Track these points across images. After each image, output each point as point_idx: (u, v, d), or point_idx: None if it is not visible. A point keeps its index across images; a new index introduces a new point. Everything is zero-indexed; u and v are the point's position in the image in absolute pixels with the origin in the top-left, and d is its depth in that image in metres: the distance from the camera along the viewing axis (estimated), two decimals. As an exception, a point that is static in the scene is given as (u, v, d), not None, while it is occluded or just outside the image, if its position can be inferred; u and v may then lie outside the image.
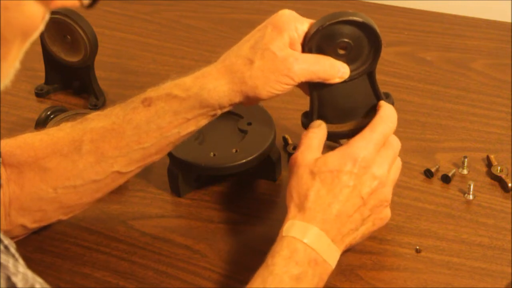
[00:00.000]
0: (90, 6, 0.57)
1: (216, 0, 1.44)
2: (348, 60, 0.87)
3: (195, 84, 0.85)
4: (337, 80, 0.87)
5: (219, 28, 1.36)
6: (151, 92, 0.87)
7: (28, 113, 1.16)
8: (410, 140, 1.07)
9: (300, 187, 0.84)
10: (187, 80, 0.86)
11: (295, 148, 1.05)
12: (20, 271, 0.57)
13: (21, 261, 0.59)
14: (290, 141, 1.08)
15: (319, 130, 0.88)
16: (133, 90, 1.20)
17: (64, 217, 0.92)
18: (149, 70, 1.26)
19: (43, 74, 1.21)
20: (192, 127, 0.87)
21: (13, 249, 0.59)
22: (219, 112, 0.87)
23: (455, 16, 1.36)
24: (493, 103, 1.15)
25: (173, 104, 0.85)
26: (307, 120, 0.92)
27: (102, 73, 1.21)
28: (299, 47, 0.85)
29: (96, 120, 0.88)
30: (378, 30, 0.86)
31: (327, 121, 0.91)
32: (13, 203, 0.87)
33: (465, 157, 1.02)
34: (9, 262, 0.57)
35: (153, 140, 0.87)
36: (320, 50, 0.86)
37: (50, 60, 1.19)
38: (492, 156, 1.03)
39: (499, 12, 1.38)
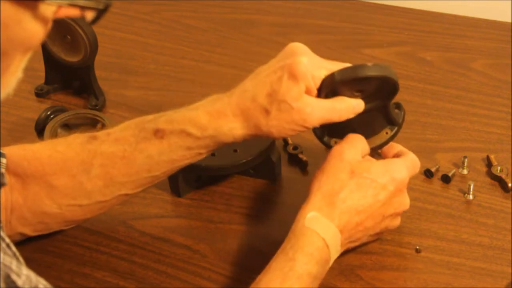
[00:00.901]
0: (94, 22, 0.57)
1: (216, 0, 1.44)
2: (363, 98, 0.87)
3: (210, 124, 0.84)
4: (351, 116, 0.86)
5: (219, 28, 1.36)
6: (164, 124, 0.85)
7: (28, 113, 1.16)
8: (410, 140, 1.07)
9: (335, 180, 0.84)
10: (202, 119, 0.84)
11: (295, 148, 1.06)
12: (23, 273, 0.57)
13: (21, 259, 0.60)
14: (290, 141, 1.08)
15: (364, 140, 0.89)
16: (133, 90, 1.20)
17: (65, 228, 0.93)
18: (149, 70, 1.26)
19: (43, 74, 1.21)
20: (202, 156, 0.88)
21: (14, 248, 0.60)
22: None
23: (455, 16, 1.36)
24: (493, 103, 1.15)
25: (187, 141, 0.85)
26: (320, 132, 0.92)
27: (102, 73, 1.21)
28: (315, 92, 0.84)
29: (107, 144, 0.87)
30: (397, 80, 0.85)
31: (336, 137, 0.92)
32: (15, 212, 0.87)
33: (465, 157, 1.02)
34: (12, 263, 0.57)
35: (163, 169, 0.87)
36: (336, 94, 0.85)
37: (50, 60, 1.19)
38: (492, 156, 1.03)
39: (499, 12, 1.38)
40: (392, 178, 0.85)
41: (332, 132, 0.92)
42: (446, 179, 1.01)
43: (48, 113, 1.11)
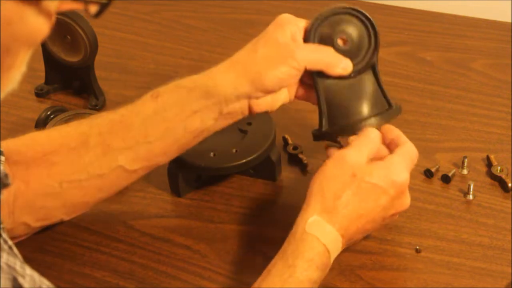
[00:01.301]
0: (97, 15, 0.57)
1: (216, 0, 1.44)
2: (350, 55, 0.89)
3: (202, 76, 0.88)
4: (339, 71, 0.88)
5: (219, 28, 1.36)
6: (160, 87, 0.89)
7: (28, 113, 1.16)
8: (410, 140, 1.07)
9: (336, 184, 0.83)
10: (195, 75, 0.89)
11: (295, 148, 1.06)
12: (27, 273, 0.57)
13: (20, 258, 0.60)
14: (290, 141, 1.08)
15: (371, 141, 0.87)
16: (133, 90, 1.20)
17: (66, 218, 0.92)
18: (149, 70, 1.26)
19: (43, 74, 1.21)
20: (197, 122, 0.87)
21: (15, 250, 0.60)
22: (225, 108, 0.87)
23: (455, 16, 1.36)
24: (493, 103, 1.15)
25: (180, 94, 0.87)
26: (317, 131, 0.92)
27: (102, 73, 1.21)
28: (301, 41, 0.88)
29: (105, 115, 0.90)
30: (373, 20, 0.89)
31: (336, 121, 0.91)
32: (18, 200, 0.87)
33: (465, 157, 1.02)
34: (16, 264, 0.57)
35: (158, 134, 0.87)
36: (322, 43, 0.89)
37: (50, 60, 1.19)
38: (492, 156, 1.03)
39: (499, 12, 1.38)
40: (392, 182, 0.84)
41: (331, 120, 0.91)
42: (446, 179, 1.01)
43: (48, 113, 1.11)
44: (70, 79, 1.20)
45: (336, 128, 0.91)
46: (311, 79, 0.90)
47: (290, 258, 0.80)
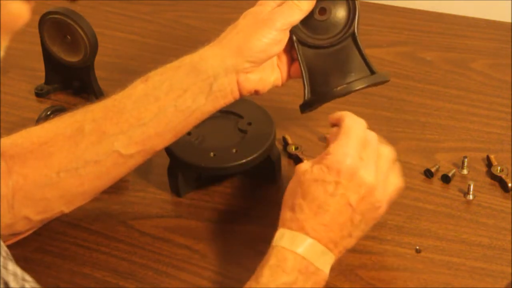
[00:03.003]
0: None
1: (216, 0, 1.44)
2: (329, 25, 0.92)
3: (189, 55, 0.90)
4: (298, 13, 0.90)
5: (219, 28, 1.35)
6: (150, 72, 0.91)
7: (28, 113, 1.16)
8: (410, 140, 1.07)
9: (290, 195, 0.84)
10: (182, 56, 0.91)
11: (296, 148, 1.06)
12: (9, 268, 0.57)
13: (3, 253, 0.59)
14: (290, 141, 1.08)
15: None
16: (133, 90, 1.20)
17: (66, 210, 0.91)
18: (149, 70, 1.24)
19: (43, 74, 1.21)
20: (188, 101, 0.88)
21: (5, 248, 0.60)
22: (214, 85, 0.88)
23: (455, 16, 1.36)
24: (493, 103, 1.15)
25: (168, 74, 0.89)
26: (302, 103, 0.93)
27: (102, 73, 1.21)
28: (279, 9, 0.90)
29: (97, 103, 0.91)
30: None
31: (319, 91, 0.92)
32: (17, 193, 0.87)
33: (465, 157, 1.02)
34: (8, 264, 0.57)
35: (151, 114, 0.87)
36: None
37: (50, 60, 1.19)
38: (492, 156, 1.03)
39: (499, 12, 1.38)
40: (332, 171, 0.81)
41: (314, 89, 0.92)
42: (446, 179, 1.01)
43: (48, 113, 1.11)
44: (70, 79, 1.20)
45: (317, 96, 0.92)
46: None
47: (257, 271, 0.80)
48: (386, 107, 1.14)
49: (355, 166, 0.82)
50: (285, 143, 1.08)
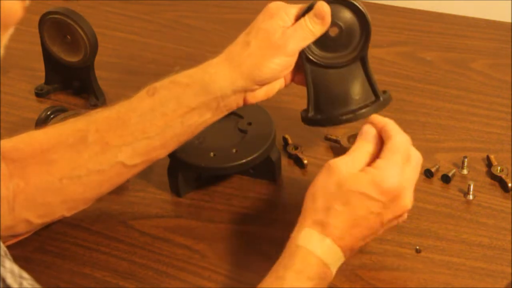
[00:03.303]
0: None
1: (216, 0, 1.44)
2: (340, 45, 0.90)
3: (198, 71, 0.88)
4: (311, 38, 0.88)
5: (219, 28, 1.36)
6: (155, 83, 0.89)
7: (28, 113, 1.16)
8: (410, 140, 1.07)
9: (325, 195, 0.81)
10: (190, 70, 0.89)
11: (295, 148, 1.06)
12: (7, 266, 0.57)
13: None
14: (290, 141, 1.08)
15: (370, 145, 0.84)
16: (133, 90, 1.19)
17: (67, 214, 0.91)
18: (149, 70, 1.26)
19: (43, 74, 1.21)
20: (195, 117, 0.88)
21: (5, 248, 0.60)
22: (222, 103, 0.87)
23: (455, 16, 1.36)
24: (493, 103, 1.15)
25: (176, 91, 0.87)
26: (305, 113, 0.93)
27: (102, 73, 1.21)
28: (292, 30, 0.88)
29: (101, 112, 0.90)
30: (367, 13, 0.89)
31: (322, 109, 0.92)
32: (18, 197, 0.87)
33: (465, 157, 1.02)
34: (6, 262, 0.57)
35: (157, 129, 0.87)
36: None
37: (50, 60, 1.19)
38: (492, 156, 1.03)
39: (499, 12, 1.38)
40: (381, 190, 0.80)
41: (317, 107, 0.92)
42: (446, 179, 1.01)
43: (48, 113, 1.11)
44: (70, 79, 1.20)
45: (321, 118, 0.92)
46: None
47: (280, 270, 0.79)
48: (386, 107, 1.14)
49: (400, 190, 0.82)
50: (285, 143, 1.08)
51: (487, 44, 1.29)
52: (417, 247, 0.92)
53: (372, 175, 0.81)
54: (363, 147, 0.84)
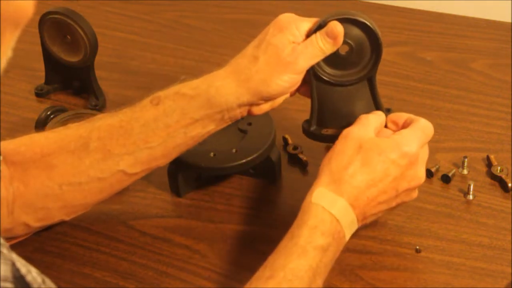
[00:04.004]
0: None
1: (216, 0, 1.44)
2: (349, 63, 0.89)
3: (203, 83, 0.87)
4: (320, 56, 0.87)
5: (219, 28, 1.36)
6: (160, 92, 0.88)
7: (28, 113, 1.16)
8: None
9: (342, 157, 0.83)
10: (196, 80, 0.88)
11: (295, 148, 1.06)
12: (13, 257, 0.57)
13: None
14: (290, 141, 1.08)
15: (379, 117, 0.89)
16: (133, 90, 1.20)
17: (66, 218, 0.92)
18: (149, 70, 1.26)
19: (43, 74, 1.21)
20: (199, 128, 0.87)
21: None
22: (226, 115, 0.87)
23: (455, 16, 1.36)
24: (493, 103, 1.15)
25: (181, 102, 0.86)
26: (307, 125, 0.93)
27: (102, 73, 1.21)
28: (302, 46, 0.86)
29: (104, 119, 0.89)
30: (379, 34, 0.87)
31: (325, 125, 0.92)
32: (17, 200, 0.87)
33: (465, 157, 1.02)
34: (12, 254, 0.57)
35: (159, 139, 0.87)
36: None
37: (50, 60, 1.19)
38: (492, 156, 1.03)
39: (499, 12, 1.38)
40: (402, 153, 0.83)
41: (320, 122, 0.92)
42: (446, 179, 1.01)
43: (48, 113, 1.11)
44: (70, 79, 1.20)
45: (324, 135, 0.92)
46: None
47: (295, 230, 0.80)
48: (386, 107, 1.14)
49: (417, 157, 0.85)
50: (285, 143, 1.08)
51: (487, 44, 1.29)
52: (417, 247, 0.92)
53: (393, 139, 0.84)
54: (373, 117, 0.88)
